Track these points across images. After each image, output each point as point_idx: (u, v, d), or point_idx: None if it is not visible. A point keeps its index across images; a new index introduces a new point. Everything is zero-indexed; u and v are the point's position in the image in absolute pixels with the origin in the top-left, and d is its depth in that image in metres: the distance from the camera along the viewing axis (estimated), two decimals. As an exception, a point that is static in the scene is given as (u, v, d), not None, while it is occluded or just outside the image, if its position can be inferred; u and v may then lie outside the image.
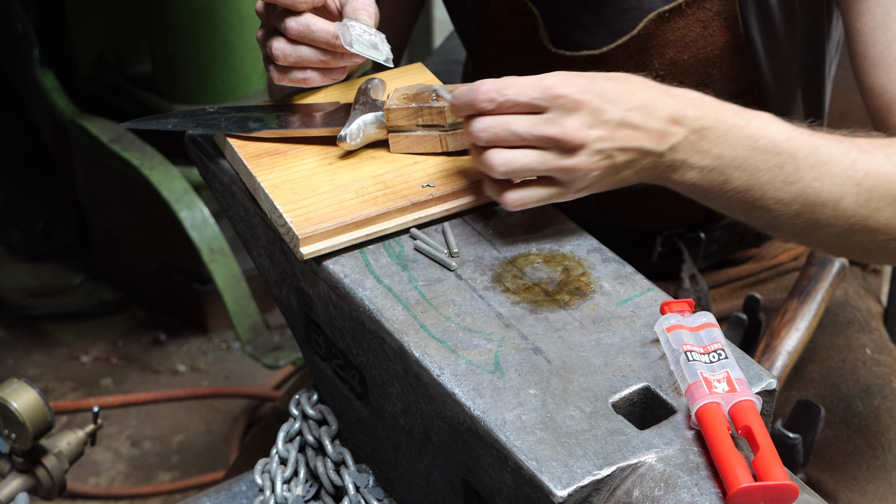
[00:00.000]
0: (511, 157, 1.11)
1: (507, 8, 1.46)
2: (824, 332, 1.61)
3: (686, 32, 1.40)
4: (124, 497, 2.60)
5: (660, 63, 1.42)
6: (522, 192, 1.13)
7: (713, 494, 0.93)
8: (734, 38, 1.40)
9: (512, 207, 1.14)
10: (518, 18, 1.45)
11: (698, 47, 1.41)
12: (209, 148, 1.32)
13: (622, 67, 1.41)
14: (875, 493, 1.47)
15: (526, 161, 1.11)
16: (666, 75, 1.42)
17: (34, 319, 3.03)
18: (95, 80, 3.00)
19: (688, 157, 1.13)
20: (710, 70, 1.42)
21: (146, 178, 2.65)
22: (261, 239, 1.28)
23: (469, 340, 1.07)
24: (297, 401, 1.33)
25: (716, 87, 1.43)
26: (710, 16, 1.39)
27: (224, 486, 1.39)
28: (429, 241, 1.18)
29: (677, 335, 1.03)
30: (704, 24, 1.39)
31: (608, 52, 1.41)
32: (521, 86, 1.11)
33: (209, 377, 2.89)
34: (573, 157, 1.10)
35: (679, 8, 1.38)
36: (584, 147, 1.10)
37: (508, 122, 1.10)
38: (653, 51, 1.41)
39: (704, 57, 1.41)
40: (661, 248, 1.58)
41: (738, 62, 1.42)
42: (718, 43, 1.40)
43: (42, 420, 1.46)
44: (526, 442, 0.97)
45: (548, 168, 1.11)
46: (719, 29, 1.39)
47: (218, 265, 2.63)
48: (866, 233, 1.20)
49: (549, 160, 1.11)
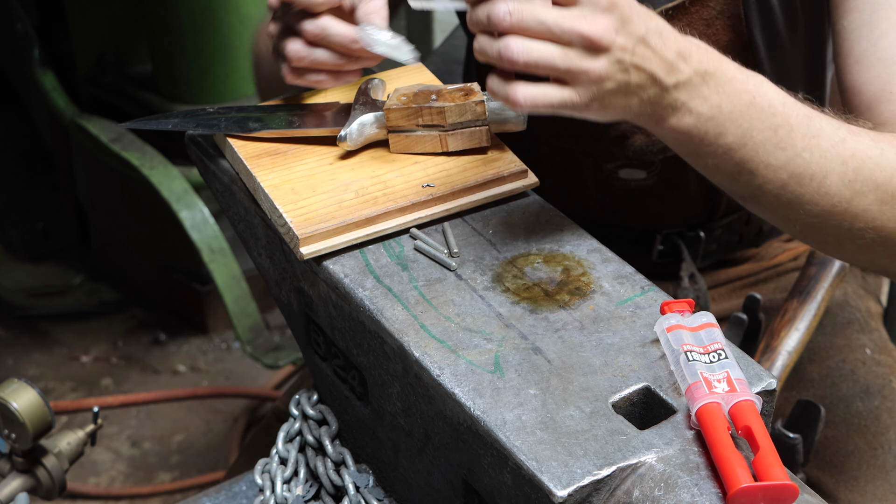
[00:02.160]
0: (531, 46, 1.04)
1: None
2: (824, 332, 1.61)
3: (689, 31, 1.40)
4: (124, 497, 2.60)
5: None
6: (534, 89, 1.07)
7: (713, 494, 0.93)
8: (737, 38, 1.40)
9: (523, 105, 1.07)
10: None
11: None
12: (209, 148, 1.32)
13: None
14: (875, 493, 1.47)
15: (547, 53, 1.04)
16: None
17: (34, 319, 3.03)
18: (95, 80, 3.00)
19: (688, 100, 1.10)
20: None
21: (146, 178, 2.65)
22: (261, 239, 1.28)
23: (469, 340, 1.07)
24: (297, 401, 1.33)
25: None
26: (714, 14, 1.38)
27: (224, 486, 1.39)
28: (429, 241, 1.18)
29: (677, 335, 1.03)
30: (708, 22, 1.39)
31: None
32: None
33: (209, 377, 2.89)
34: (596, 60, 1.05)
35: (683, 6, 1.38)
36: (608, 51, 1.05)
37: (536, 10, 1.04)
38: None
39: None
40: (661, 247, 1.58)
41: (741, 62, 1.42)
42: (721, 42, 1.40)
43: (42, 420, 1.46)
44: (526, 442, 0.97)
45: (568, 66, 1.05)
46: (723, 28, 1.39)
47: (218, 265, 2.63)
48: (846, 217, 1.17)
49: (571, 58, 1.04)
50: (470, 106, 1.22)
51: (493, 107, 1.24)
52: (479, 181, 1.22)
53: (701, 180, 1.47)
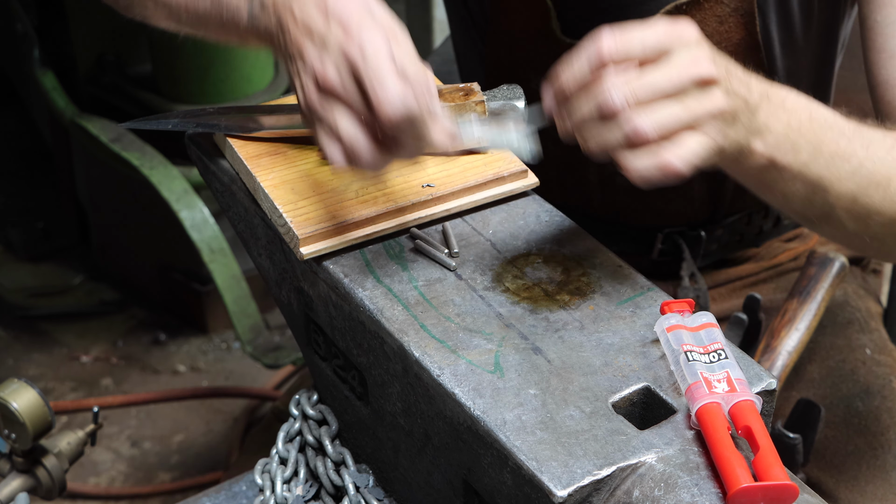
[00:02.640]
0: (656, 115, 1.01)
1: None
2: (824, 332, 1.61)
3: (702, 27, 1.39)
4: (124, 497, 2.60)
5: None
6: (680, 149, 1.02)
7: (713, 494, 0.93)
8: (749, 36, 1.40)
9: (683, 168, 1.02)
10: (531, 8, 1.44)
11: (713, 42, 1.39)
12: (209, 148, 1.32)
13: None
14: (875, 494, 1.47)
15: (673, 113, 1.01)
16: None
17: (34, 319, 3.03)
18: (95, 80, 3.00)
19: (767, 121, 1.07)
20: None
21: (146, 178, 2.65)
22: (261, 239, 1.28)
23: (469, 340, 1.07)
24: (297, 401, 1.33)
25: None
26: (728, 11, 1.38)
27: (224, 486, 1.39)
28: (429, 240, 1.18)
29: (677, 335, 1.03)
30: (721, 19, 1.39)
31: None
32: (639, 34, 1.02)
33: (209, 377, 2.89)
34: (713, 94, 1.03)
35: (697, 1, 1.38)
36: (718, 82, 1.03)
37: (646, 81, 1.01)
38: None
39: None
40: (662, 246, 1.58)
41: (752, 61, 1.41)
42: (733, 39, 1.40)
43: (42, 420, 1.46)
44: (526, 442, 0.97)
45: (695, 114, 1.02)
46: (735, 25, 1.39)
47: (218, 265, 2.63)
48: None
49: (692, 106, 1.02)
50: (470, 106, 1.22)
51: (494, 107, 1.24)
52: (479, 181, 1.22)
53: (705, 180, 1.47)
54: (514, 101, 1.24)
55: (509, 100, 1.24)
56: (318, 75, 1.03)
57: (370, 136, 1.04)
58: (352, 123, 1.03)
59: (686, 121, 1.03)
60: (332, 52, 1.03)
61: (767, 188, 1.14)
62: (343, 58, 1.02)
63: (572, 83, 1.04)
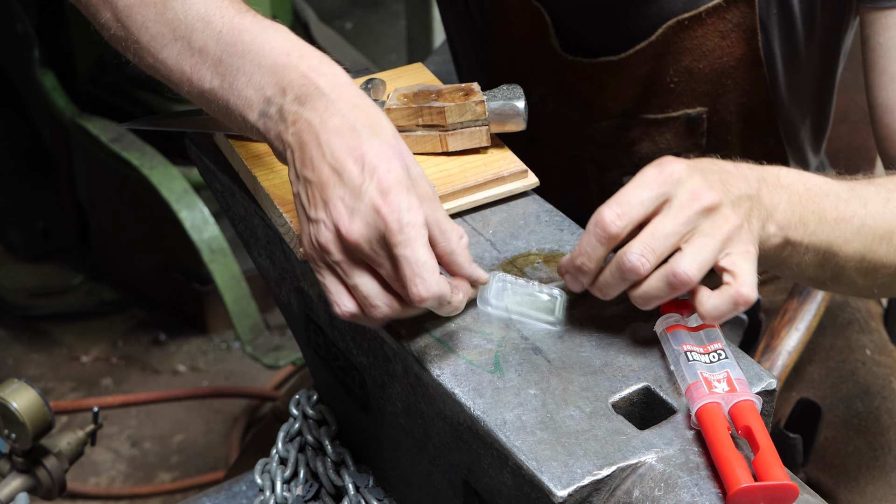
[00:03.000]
0: (688, 259, 1.01)
1: (519, 7, 1.45)
2: (824, 332, 1.61)
3: (703, 41, 1.40)
4: (124, 497, 2.60)
5: (675, 70, 1.41)
6: (720, 294, 1.03)
7: (713, 494, 0.93)
8: (751, 52, 1.40)
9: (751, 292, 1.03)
10: (530, 21, 1.44)
11: (714, 57, 1.40)
12: (209, 148, 1.32)
13: (638, 73, 1.41)
14: (875, 494, 1.47)
15: (697, 249, 1.02)
16: (680, 83, 1.42)
17: (34, 319, 3.03)
18: (95, 80, 3.00)
19: (769, 201, 1.09)
20: (724, 80, 1.42)
21: (146, 178, 2.65)
22: (261, 239, 1.28)
23: (469, 340, 1.07)
24: (297, 401, 1.33)
25: (728, 99, 1.43)
26: (730, 27, 1.38)
27: (224, 486, 1.39)
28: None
29: (677, 335, 1.03)
30: (723, 34, 1.39)
31: (625, 59, 1.41)
32: (634, 195, 1.03)
33: (209, 377, 2.89)
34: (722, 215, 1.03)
35: (699, 17, 1.38)
36: (721, 203, 1.04)
37: (655, 233, 1.02)
38: (669, 57, 1.41)
39: (720, 67, 1.41)
40: None
41: (753, 75, 1.42)
42: (735, 54, 1.40)
43: (42, 420, 1.46)
44: (526, 442, 0.97)
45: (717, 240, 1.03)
46: (737, 41, 1.39)
47: (218, 265, 2.63)
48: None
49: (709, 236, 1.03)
50: (470, 106, 1.22)
51: (494, 107, 1.24)
52: (479, 181, 1.21)
53: None
54: (514, 101, 1.23)
55: (509, 100, 1.24)
56: (342, 227, 0.98)
57: (388, 291, 1.00)
58: (371, 281, 1.00)
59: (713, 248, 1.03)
60: (363, 208, 0.97)
61: (783, 263, 1.15)
62: (375, 217, 0.97)
63: (591, 264, 1.04)
